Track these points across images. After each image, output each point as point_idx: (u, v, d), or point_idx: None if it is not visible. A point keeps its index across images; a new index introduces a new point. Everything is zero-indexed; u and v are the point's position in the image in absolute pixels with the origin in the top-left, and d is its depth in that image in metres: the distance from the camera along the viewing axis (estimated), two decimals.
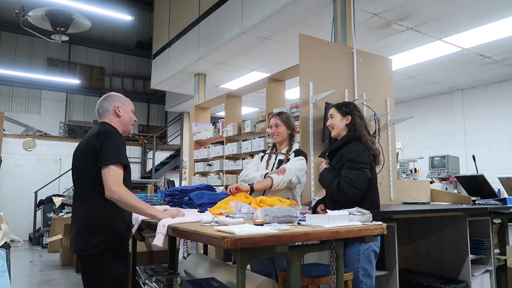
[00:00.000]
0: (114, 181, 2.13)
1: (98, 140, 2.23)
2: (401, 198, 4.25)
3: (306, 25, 5.45)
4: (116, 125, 2.42)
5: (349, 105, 2.90)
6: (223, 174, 5.57)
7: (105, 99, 2.46)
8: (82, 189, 2.32)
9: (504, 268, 4.10)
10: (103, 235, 2.21)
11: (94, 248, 2.19)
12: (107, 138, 2.23)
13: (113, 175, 2.14)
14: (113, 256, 2.23)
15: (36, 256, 7.56)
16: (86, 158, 2.26)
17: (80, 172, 2.32)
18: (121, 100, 2.47)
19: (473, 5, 4.92)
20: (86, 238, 2.23)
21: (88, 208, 2.25)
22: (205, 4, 7.17)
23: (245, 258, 1.75)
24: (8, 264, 3.03)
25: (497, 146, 8.20)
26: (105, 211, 2.22)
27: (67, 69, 11.54)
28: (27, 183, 9.73)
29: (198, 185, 3.51)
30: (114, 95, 2.49)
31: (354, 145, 2.71)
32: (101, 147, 2.18)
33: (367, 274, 2.66)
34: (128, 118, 2.48)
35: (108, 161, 2.15)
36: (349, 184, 2.54)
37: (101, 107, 2.44)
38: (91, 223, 2.23)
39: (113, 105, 2.43)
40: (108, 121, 2.42)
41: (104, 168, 2.15)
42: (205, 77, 8.14)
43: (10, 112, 10.57)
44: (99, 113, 2.45)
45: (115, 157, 2.17)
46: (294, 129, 3.29)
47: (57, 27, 6.32)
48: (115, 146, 2.21)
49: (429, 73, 7.73)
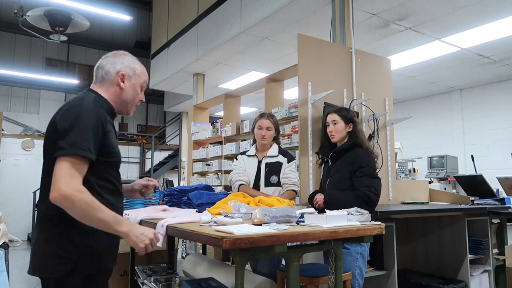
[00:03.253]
0: (66, 178, 1.44)
1: (63, 114, 1.57)
2: (400, 198, 4.26)
3: (304, 25, 5.45)
4: (111, 99, 1.73)
5: (350, 112, 2.98)
6: (221, 174, 5.56)
7: (113, 58, 1.77)
8: (43, 183, 1.65)
9: (502, 268, 4.10)
10: (69, 251, 1.53)
11: (55, 270, 1.52)
12: (76, 115, 1.53)
13: (64, 170, 1.45)
14: (83, 284, 1.56)
15: None
16: (49, 140, 1.59)
17: (45, 158, 1.63)
18: (132, 68, 1.78)
19: (471, 5, 4.92)
20: (44, 253, 1.55)
21: (48, 212, 1.56)
22: (204, 4, 7.17)
23: (243, 258, 1.75)
24: (7, 264, 3.03)
25: (495, 146, 8.21)
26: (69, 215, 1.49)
27: (65, 69, 11.52)
28: (25, 183, 9.70)
29: (197, 185, 3.51)
30: (127, 57, 1.80)
31: (362, 151, 2.80)
32: (62, 128, 1.51)
33: (362, 274, 2.73)
34: (132, 95, 1.78)
35: (63, 151, 1.47)
36: (374, 193, 2.68)
37: (102, 67, 1.75)
38: (50, 234, 1.56)
39: (117, 70, 1.74)
40: (99, 90, 1.73)
41: (58, 159, 1.48)
42: (204, 77, 8.15)
43: (8, 112, 10.54)
44: (96, 74, 1.76)
45: (74, 145, 1.48)
46: (279, 132, 3.36)
47: (56, 27, 6.30)
48: (79, 126, 1.51)
49: (427, 73, 7.74)
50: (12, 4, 6.61)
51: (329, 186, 2.90)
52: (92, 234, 1.56)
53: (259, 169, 3.23)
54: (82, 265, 1.55)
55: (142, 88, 1.83)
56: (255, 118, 3.38)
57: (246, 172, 3.27)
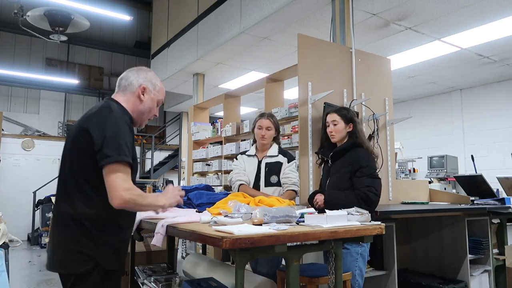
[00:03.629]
0: (122, 185, 1.61)
1: (99, 125, 1.68)
2: (400, 198, 4.26)
3: (304, 25, 5.45)
4: (130, 108, 1.86)
5: (350, 112, 2.97)
6: (221, 174, 5.56)
7: (137, 71, 1.92)
8: (66, 184, 1.74)
9: (502, 268, 4.10)
10: (91, 251, 1.66)
11: (77, 267, 1.65)
12: (112, 124, 1.68)
13: (119, 178, 1.61)
14: (102, 277, 1.69)
15: (35, 256, 7.55)
16: (76, 144, 1.72)
17: (68, 161, 1.75)
18: (153, 83, 1.92)
19: (471, 5, 4.92)
20: (67, 250, 1.67)
21: (75, 215, 1.68)
22: (204, 4, 7.17)
23: (243, 258, 1.75)
24: (7, 264, 3.03)
25: (495, 146, 8.21)
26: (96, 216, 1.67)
27: (65, 69, 11.52)
28: (25, 183, 9.71)
29: (197, 185, 3.51)
30: (150, 73, 1.95)
31: (362, 151, 2.80)
32: (103, 137, 1.64)
33: (362, 274, 2.72)
34: (149, 108, 1.91)
35: (111, 158, 1.62)
36: (374, 194, 2.67)
37: (126, 78, 1.89)
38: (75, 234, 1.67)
39: (140, 83, 1.88)
40: (121, 99, 1.86)
41: (105, 167, 1.62)
42: (204, 77, 8.14)
43: (8, 112, 10.54)
44: (119, 84, 1.90)
45: (118, 152, 1.63)
46: (279, 132, 3.35)
47: (56, 27, 6.31)
48: (120, 135, 1.67)
49: (427, 73, 7.74)
50: (12, 4, 6.62)
51: (329, 186, 2.90)
52: (112, 234, 1.73)
53: (259, 169, 3.23)
54: (103, 262, 1.68)
55: (158, 104, 1.97)
56: (255, 118, 3.38)
57: (246, 172, 3.27)
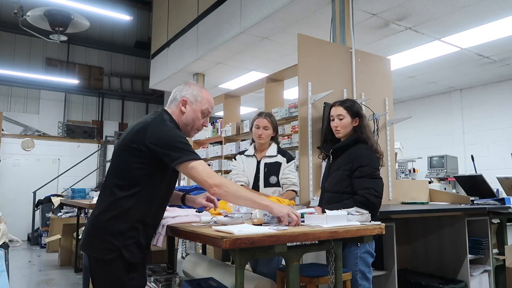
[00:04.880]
0: (210, 175, 1.86)
1: (155, 133, 1.88)
2: (400, 198, 4.26)
3: (304, 25, 5.45)
4: (176, 119, 2.05)
5: (355, 105, 2.75)
6: (221, 174, 5.57)
7: (185, 86, 2.10)
8: (108, 184, 1.98)
9: (502, 268, 4.10)
10: (117, 242, 1.87)
11: (104, 253, 1.88)
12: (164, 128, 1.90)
13: (202, 170, 1.85)
14: (126, 266, 1.90)
15: (35, 256, 7.55)
16: (126, 149, 1.93)
17: (115, 165, 1.98)
18: (194, 95, 2.06)
19: (471, 5, 4.92)
20: (97, 239, 1.92)
21: (108, 208, 1.91)
22: (204, 4, 7.17)
23: (243, 258, 1.75)
24: (7, 264, 3.02)
25: (495, 146, 8.21)
26: (126, 216, 1.89)
27: (65, 69, 11.52)
28: (25, 183, 9.72)
29: (197, 185, 3.50)
30: (194, 86, 2.11)
31: (364, 149, 2.61)
32: (164, 143, 1.85)
33: (365, 277, 2.63)
34: (192, 119, 2.05)
35: (187, 157, 1.85)
36: (374, 195, 2.49)
37: (174, 92, 2.10)
38: (106, 225, 1.91)
39: (182, 95, 2.06)
40: (170, 110, 2.06)
41: (182, 165, 1.85)
42: (204, 77, 8.14)
43: (8, 112, 10.54)
44: (170, 99, 2.11)
45: (187, 152, 1.86)
46: (278, 131, 3.31)
47: (56, 27, 6.31)
48: (177, 137, 1.89)
49: (427, 73, 7.74)
50: (12, 4, 6.62)
51: (328, 184, 2.77)
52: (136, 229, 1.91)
53: (258, 170, 3.22)
54: (126, 254, 1.88)
55: (203, 114, 2.08)
56: (253, 117, 3.35)
57: (245, 172, 3.26)
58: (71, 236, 6.53)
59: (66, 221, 7.38)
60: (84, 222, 6.11)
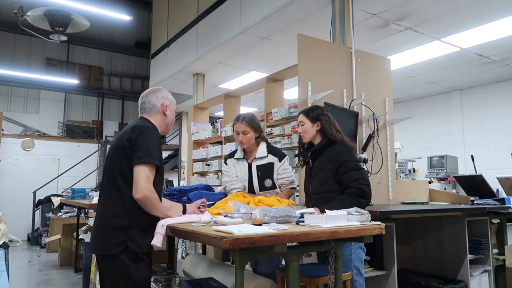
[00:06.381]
0: (144, 182, 2.05)
1: (133, 134, 2.15)
2: (400, 198, 4.26)
3: (304, 25, 5.45)
4: (158, 124, 2.34)
5: (316, 110, 2.89)
6: (221, 174, 5.55)
7: (154, 94, 2.37)
8: (108, 185, 2.20)
9: (502, 268, 4.10)
10: (122, 236, 2.07)
11: (111, 249, 2.07)
12: (143, 133, 2.15)
13: (143, 175, 2.06)
14: (132, 258, 2.08)
15: (35, 256, 7.55)
16: (117, 153, 2.18)
17: (110, 167, 2.21)
18: (170, 99, 2.40)
19: (471, 5, 4.92)
20: (103, 237, 2.13)
21: (111, 207, 2.14)
22: (204, 4, 7.17)
23: (243, 258, 1.75)
24: (7, 264, 3.02)
25: (495, 146, 8.21)
26: (128, 211, 2.11)
27: (65, 69, 11.51)
28: (25, 183, 9.72)
29: (197, 185, 3.49)
30: (163, 92, 2.41)
31: (339, 146, 2.74)
32: (135, 143, 2.11)
33: (359, 272, 2.73)
34: (172, 118, 2.42)
35: (141, 160, 2.08)
36: (366, 184, 2.61)
37: (148, 102, 2.35)
38: (110, 222, 2.12)
39: (162, 103, 2.35)
40: (150, 118, 2.34)
41: (136, 166, 2.08)
42: (204, 77, 8.14)
43: (8, 112, 10.54)
44: (144, 107, 2.36)
45: (148, 156, 2.09)
46: (261, 130, 3.18)
47: (56, 27, 6.31)
48: (151, 143, 2.13)
49: (427, 73, 7.74)
50: (12, 4, 6.62)
51: (313, 187, 2.84)
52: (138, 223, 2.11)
53: (251, 173, 3.13)
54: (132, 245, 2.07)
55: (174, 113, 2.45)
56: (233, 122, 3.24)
57: (238, 177, 3.17)
58: (71, 236, 6.54)
59: (66, 221, 7.38)
60: (84, 222, 6.11)
